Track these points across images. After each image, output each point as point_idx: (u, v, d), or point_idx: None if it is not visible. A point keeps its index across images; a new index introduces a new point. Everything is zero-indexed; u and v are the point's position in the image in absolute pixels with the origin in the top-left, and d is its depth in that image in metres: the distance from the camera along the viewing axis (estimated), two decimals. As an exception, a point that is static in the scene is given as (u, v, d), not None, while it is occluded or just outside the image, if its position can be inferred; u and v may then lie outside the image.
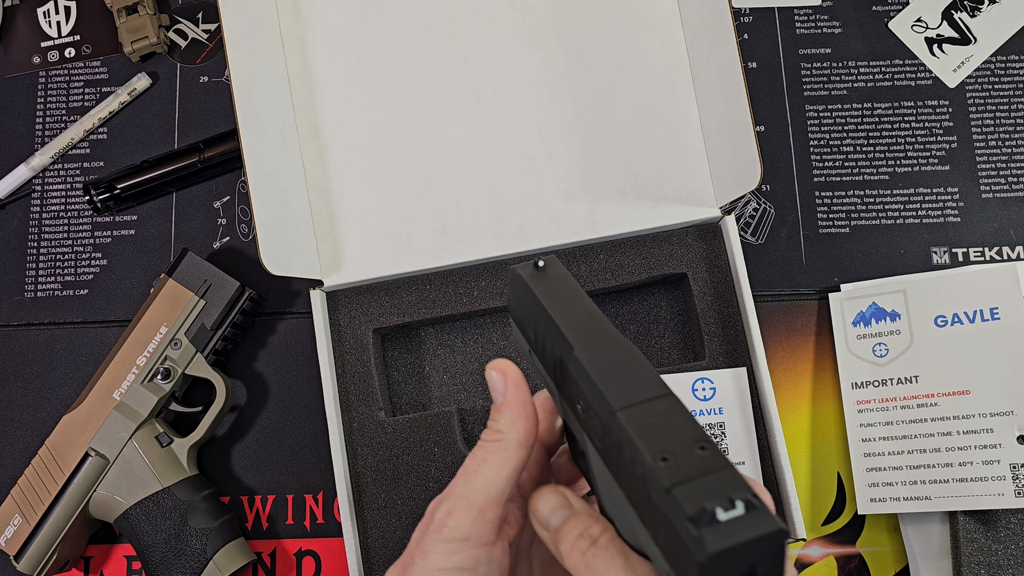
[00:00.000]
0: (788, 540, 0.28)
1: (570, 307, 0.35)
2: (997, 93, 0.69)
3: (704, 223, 0.62)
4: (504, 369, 0.37)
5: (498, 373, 0.37)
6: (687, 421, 0.30)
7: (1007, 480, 0.56)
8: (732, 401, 0.59)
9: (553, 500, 0.35)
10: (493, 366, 0.37)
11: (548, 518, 0.35)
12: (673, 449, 0.29)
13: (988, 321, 0.60)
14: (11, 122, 0.72)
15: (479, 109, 0.64)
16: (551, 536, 0.35)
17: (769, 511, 0.28)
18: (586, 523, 0.34)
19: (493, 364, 0.37)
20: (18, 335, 0.68)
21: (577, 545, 0.33)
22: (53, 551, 0.60)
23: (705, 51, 0.61)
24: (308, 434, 0.65)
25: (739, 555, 0.27)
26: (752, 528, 0.27)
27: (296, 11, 0.65)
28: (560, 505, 0.35)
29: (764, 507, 0.28)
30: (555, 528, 0.35)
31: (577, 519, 0.34)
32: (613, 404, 0.31)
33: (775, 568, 0.28)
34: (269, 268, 0.57)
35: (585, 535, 0.34)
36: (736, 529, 0.27)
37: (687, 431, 0.30)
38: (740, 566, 0.28)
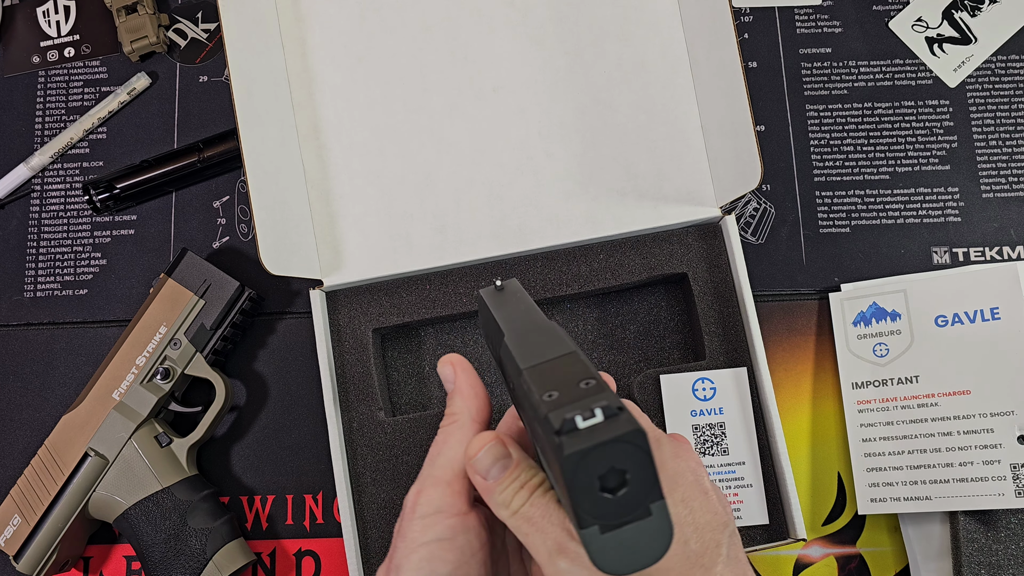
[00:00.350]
0: (646, 440, 0.29)
1: (513, 310, 0.40)
2: (997, 93, 0.69)
3: (704, 223, 0.62)
4: (451, 360, 0.40)
5: (447, 364, 0.40)
6: (582, 368, 0.33)
7: (1007, 480, 0.56)
8: (732, 401, 0.59)
9: (494, 450, 0.36)
10: (443, 361, 0.41)
11: (488, 468, 0.36)
12: (560, 387, 0.31)
13: (989, 321, 0.59)
14: (10, 122, 0.72)
15: (479, 109, 0.64)
16: (487, 486, 0.35)
17: (629, 417, 0.29)
18: (526, 475, 0.35)
19: (443, 359, 0.41)
20: (17, 335, 0.68)
21: (517, 497, 0.35)
22: (52, 551, 0.60)
23: (705, 51, 0.61)
24: (308, 434, 0.65)
25: (600, 458, 0.29)
26: (608, 431, 0.29)
27: (296, 11, 0.65)
28: (501, 455, 0.36)
29: (625, 414, 0.29)
30: (494, 479, 0.35)
31: (516, 469, 0.35)
32: (521, 365, 0.34)
33: (644, 472, 0.29)
34: (269, 268, 0.57)
35: (525, 488, 0.35)
36: (593, 433, 0.29)
37: (579, 374, 0.32)
38: (605, 470, 0.29)
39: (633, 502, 0.29)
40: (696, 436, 0.58)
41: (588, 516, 0.29)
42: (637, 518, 0.29)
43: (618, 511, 0.29)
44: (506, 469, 0.35)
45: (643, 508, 0.29)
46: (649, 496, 0.29)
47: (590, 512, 0.29)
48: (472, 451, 0.36)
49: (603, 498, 0.29)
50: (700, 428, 0.58)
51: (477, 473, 0.36)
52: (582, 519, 0.29)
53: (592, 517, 0.29)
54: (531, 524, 0.34)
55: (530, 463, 0.36)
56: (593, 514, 0.29)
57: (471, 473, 0.36)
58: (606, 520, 0.29)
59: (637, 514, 0.29)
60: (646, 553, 0.30)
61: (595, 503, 0.29)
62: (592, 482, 0.29)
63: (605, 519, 0.29)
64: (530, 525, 0.34)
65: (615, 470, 0.29)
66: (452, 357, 0.41)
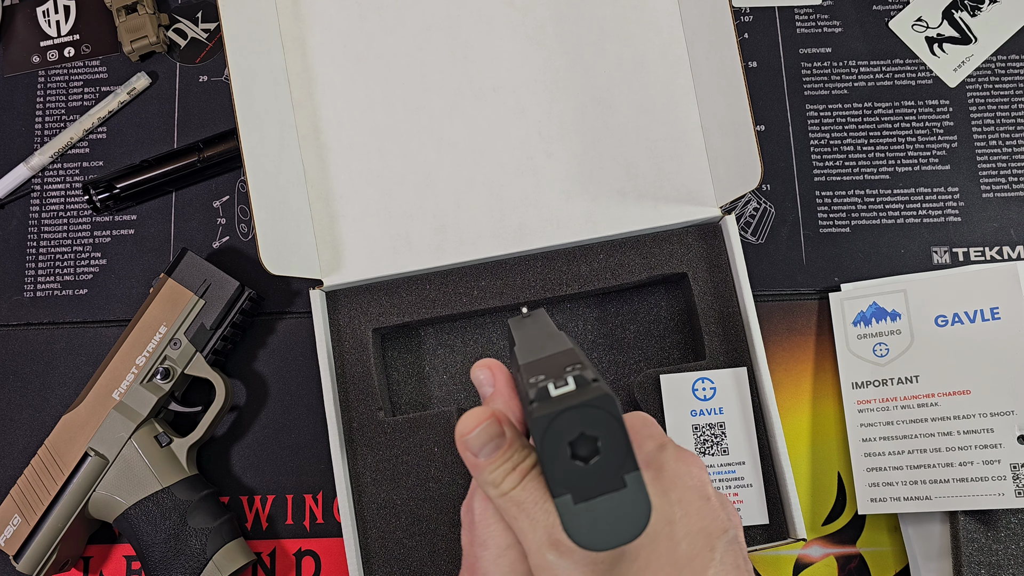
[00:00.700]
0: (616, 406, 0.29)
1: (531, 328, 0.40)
2: (997, 92, 0.69)
3: (704, 223, 0.62)
4: (488, 364, 0.39)
5: (484, 368, 0.39)
6: (572, 358, 0.33)
7: (1007, 480, 0.56)
8: (732, 401, 0.59)
9: (489, 428, 0.35)
10: (479, 365, 0.40)
11: (481, 447, 0.35)
12: (548, 372, 0.32)
13: (988, 321, 0.59)
14: (10, 122, 0.72)
15: (479, 109, 0.64)
16: (478, 464, 0.35)
17: (602, 385, 0.29)
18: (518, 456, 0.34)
19: (478, 364, 0.40)
20: (17, 335, 0.68)
21: (508, 480, 0.34)
22: (52, 551, 0.60)
23: (705, 50, 0.61)
24: (308, 434, 0.65)
25: (569, 423, 0.29)
26: (578, 397, 0.29)
27: (296, 10, 0.65)
28: (494, 434, 0.35)
29: (598, 384, 0.29)
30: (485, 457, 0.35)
31: (509, 450, 0.34)
32: (520, 362, 0.34)
33: (616, 440, 0.29)
34: (268, 268, 0.57)
35: (517, 470, 0.34)
36: (563, 399, 0.29)
37: (568, 362, 0.32)
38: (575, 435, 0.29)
39: (606, 471, 0.29)
40: (696, 436, 0.58)
41: (559, 485, 0.29)
42: (611, 489, 0.29)
43: (591, 480, 0.29)
44: (499, 448, 0.34)
45: (617, 479, 0.29)
46: (623, 466, 0.29)
47: (562, 481, 0.29)
48: (465, 429, 0.35)
49: (574, 466, 0.29)
50: (700, 428, 0.58)
51: (468, 450, 0.35)
52: (554, 488, 0.29)
53: (564, 486, 0.29)
54: (520, 509, 0.33)
55: (524, 443, 0.35)
56: (565, 483, 0.29)
57: (462, 450, 0.35)
58: (579, 489, 0.29)
59: (611, 484, 0.29)
60: (623, 529, 0.29)
61: (567, 471, 0.29)
62: (563, 449, 0.29)
63: (577, 488, 0.29)
64: (519, 509, 0.33)
65: (586, 436, 0.29)
66: (488, 361, 0.40)
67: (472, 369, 0.40)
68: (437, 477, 0.59)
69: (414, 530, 0.59)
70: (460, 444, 0.35)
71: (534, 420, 0.29)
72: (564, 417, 0.29)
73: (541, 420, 0.29)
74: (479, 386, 0.40)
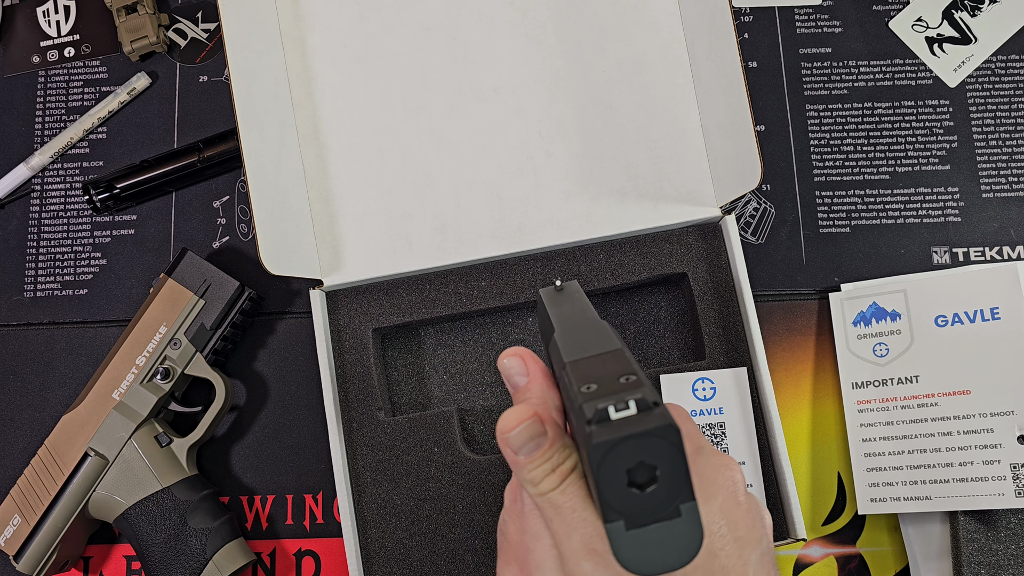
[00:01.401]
0: (679, 436, 0.28)
1: (568, 308, 0.39)
2: (997, 93, 0.69)
3: (704, 223, 0.62)
4: (519, 352, 0.38)
5: (514, 356, 0.38)
6: (624, 365, 0.32)
7: (1007, 480, 0.56)
8: (732, 401, 0.59)
9: (532, 429, 0.34)
10: (508, 353, 0.38)
11: (522, 446, 0.34)
12: (600, 381, 0.31)
13: (988, 321, 0.59)
14: (10, 122, 0.72)
15: (479, 109, 0.64)
16: (519, 462, 0.34)
17: (664, 412, 0.28)
18: (559, 457, 0.34)
19: (508, 351, 0.38)
20: (17, 335, 0.68)
21: (547, 481, 0.33)
22: (53, 551, 0.60)
23: (705, 50, 0.61)
24: (308, 434, 0.65)
25: (629, 450, 0.28)
26: (640, 424, 0.28)
27: (296, 10, 0.65)
28: (536, 432, 0.34)
29: (660, 409, 0.28)
30: (526, 456, 0.34)
31: (550, 449, 0.34)
32: (565, 359, 0.33)
33: (675, 470, 0.28)
34: (268, 268, 0.57)
35: (557, 472, 0.33)
36: (624, 425, 0.28)
37: (620, 370, 0.31)
38: (634, 464, 0.28)
39: (662, 500, 0.28)
40: (696, 436, 0.58)
41: (613, 511, 0.28)
42: (665, 517, 0.29)
43: (645, 508, 0.28)
44: (539, 447, 0.34)
45: (672, 508, 0.29)
46: (679, 496, 0.29)
47: (616, 507, 0.28)
48: (507, 426, 0.34)
49: (631, 493, 0.28)
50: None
51: (509, 447, 0.34)
52: (607, 513, 0.29)
53: (618, 512, 0.28)
54: (557, 512, 0.33)
55: (566, 443, 0.34)
56: (619, 509, 0.28)
57: (502, 446, 0.34)
58: (632, 516, 0.28)
59: (666, 513, 0.29)
60: (673, 556, 0.29)
61: (622, 498, 0.28)
62: (620, 476, 0.28)
63: (631, 515, 0.28)
64: (556, 512, 0.33)
65: (645, 465, 0.28)
66: (519, 349, 0.39)
67: (501, 357, 0.39)
68: (437, 477, 0.59)
69: (414, 530, 0.59)
70: (501, 441, 0.34)
71: (594, 446, 0.28)
72: (625, 445, 0.28)
73: (601, 447, 0.28)
74: (509, 376, 0.39)
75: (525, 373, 0.38)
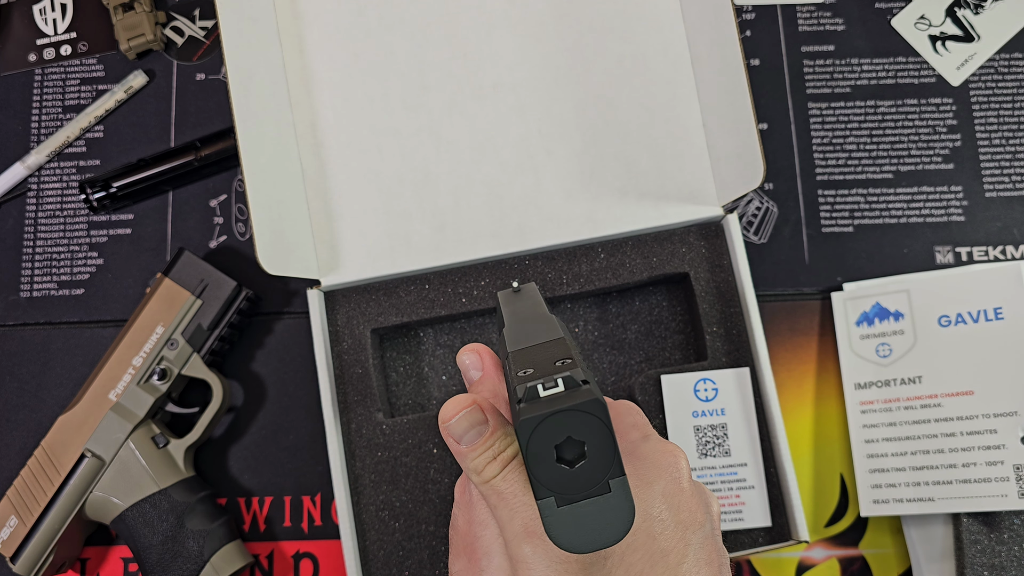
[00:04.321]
0: (605, 411, 0.29)
1: (521, 307, 0.40)
2: (1001, 91, 0.68)
3: (706, 222, 0.61)
4: (475, 348, 0.40)
5: (471, 352, 0.40)
6: (563, 350, 0.33)
7: (1011, 481, 0.56)
8: (734, 402, 0.58)
9: (471, 415, 0.35)
10: (465, 349, 0.40)
11: (463, 434, 0.35)
12: (536, 366, 0.32)
13: (992, 321, 0.59)
14: (7, 120, 0.71)
15: (478, 107, 0.63)
16: (461, 451, 0.35)
17: (592, 389, 0.29)
18: (501, 444, 0.34)
19: (465, 348, 0.40)
20: (13, 335, 0.67)
21: (489, 468, 0.34)
22: (49, 553, 0.60)
23: (707, 48, 0.60)
24: (306, 435, 0.64)
25: (557, 426, 0.29)
26: (567, 400, 0.29)
27: (293, 8, 0.65)
28: (477, 421, 0.35)
29: (589, 387, 0.29)
30: (468, 444, 0.35)
31: (491, 437, 0.34)
32: (508, 348, 0.34)
33: (603, 445, 0.29)
34: (266, 268, 0.57)
35: (499, 459, 0.34)
36: (552, 402, 0.29)
37: (559, 355, 0.32)
38: (562, 439, 0.29)
39: (592, 476, 0.29)
40: (698, 437, 0.58)
41: (544, 487, 0.29)
42: (596, 493, 0.29)
43: (575, 484, 0.29)
44: (481, 436, 0.35)
45: (602, 483, 0.29)
46: (609, 471, 0.29)
47: (546, 483, 0.29)
48: (447, 415, 0.35)
49: (560, 469, 0.29)
50: (702, 429, 0.58)
51: (451, 436, 0.35)
52: (537, 490, 0.29)
53: (548, 489, 0.29)
54: (500, 498, 0.33)
55: (508, 431, 0.35)
56: (549, 486, 0.29)
57: (445, 436, 0.35)
58: (563, 492, 0.29)
59: (596, 489, 0.29)
60: (605, 532, 0.29)
61: (552, 474, 0.29)
62: (549, 452, 0.29)
63: (562, 491, 0.29)
64: (499, 499, 0.33)
65: (573, 441, 0.29)
66: (476, 346, 0.40)
67: (459, 353, 0.40)
68: (436, 479, 0.59)
69: (413, 532, 0.58)
70: (443, 430, 0.35)
71: (520, 422, 0.29)
72: (551, 421, 0.29)
73: (528, 423, 0.29)
74: (465, 370, 0.40)
75: (480, 368, 0.39)
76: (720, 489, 0.57)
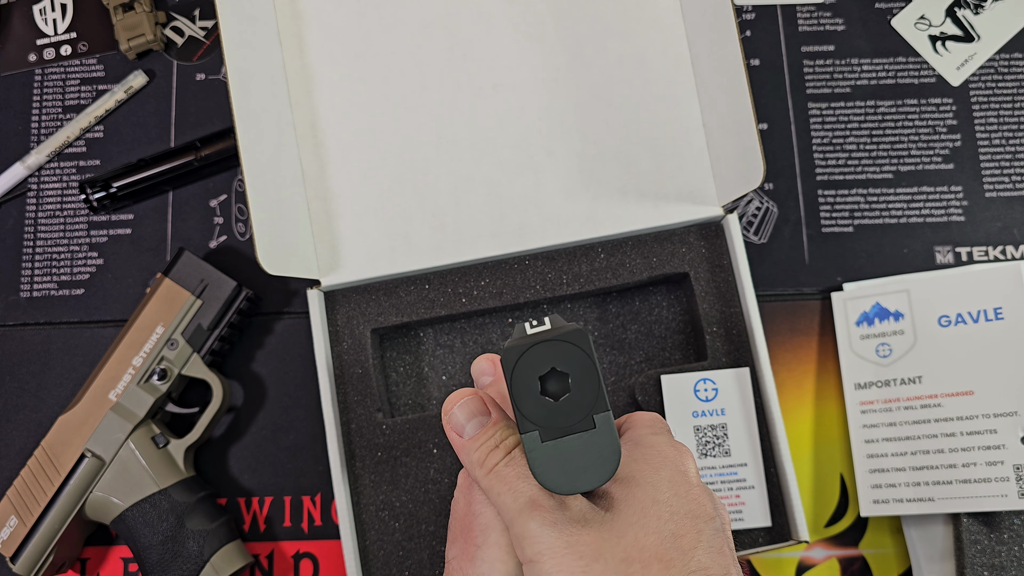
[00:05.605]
0: (588, 341, 0.29)
1: None
2: (1001, 91, 0.68)
3: (706, 222, 0.61)
4: (490, 357, 0.41)
5: (485, 360, 0.41)
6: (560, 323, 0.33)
7: (1011, 481, 0.56)
8: (734, 402, 0.58)
9: (472, 405, 0.35)
10: (481, 357, 0.41)
11: (464, 423, 0.35)
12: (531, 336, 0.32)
13: (992, 321, 0.59)
14: (7, 120, 0.71)
15: (478, 107, 0.63)
16: (463, 443, 0.35)
17: (577, 325, 0.30)
18: (503, 433, 0.34)
19: (481, 356, 0.41)
20: (13, 335, 0.67)
21: (492, 455, 0.34)
22: (49, 553, 0.60)
23: (707, 48, 0.60)
24: (306, 435, 0.64)
25: (541, 356, 0.29)
26: (551, 333, 0.29)
27: (293, 8, 0.65)
28: (478, 412, 0.35)
29: (574, 324, 0.30)
30: (470, 436, 0.35)
31: (493, 427, 0.35)
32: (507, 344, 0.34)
33: (587, 377, 0.29)
34: (266, 268, 0.57)
35: (501, 447, 0.34)
36: (536, 335, 0.29)
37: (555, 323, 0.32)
38: (546, 370, 0.29)
39: (576, 409, 0.29)
40: (698, 437, 0.58)
41: (528, 421, 0.29)
42: (580, 428, 0.29)
43: (560, 417, 0.29)
44: (482, 427, 0.35)
45: (587, 418, 0.29)
46: (594, 405, 0.29)
47: (530, 416, 0.29)
48: (449, 404, 0.36)
49: (544, 402, 0.29)
50: (702, 429, 0.58)
51: (452, 429, 0.35)
52: (522, 423, 0.29)
53: (532, 423, 0.29)
54: (504, 482, 0.33)
55: (509, 424, 0.35)
56: (533, 419, 0.29)
57: (447, 429, 0.36)
58: (547, 426, 0.29)
59: (580, 424, 0.29)
60: (590, 471, 0.29)
61: (536, 406, 0.29)
62: (533, 384, 0.29)
63: (546, 425, 0.29)
64: (503, 483, 0.33)
65: (557, 372, 0.29)
66: (492, 355, 0.41)
67: (475, 361, 0.41)
68: (436, 479, 0.59)
69: (413, 532, 0.58)
70: (445, 424, 0.36)
71: (505, 350, 0.29)
72: (535, 351, 0.29)
73: (511, 352, 0.28)
74: (478, 376, 0.41)
75: (492, 374, 0.40)
76: (720, 489, 0.57)
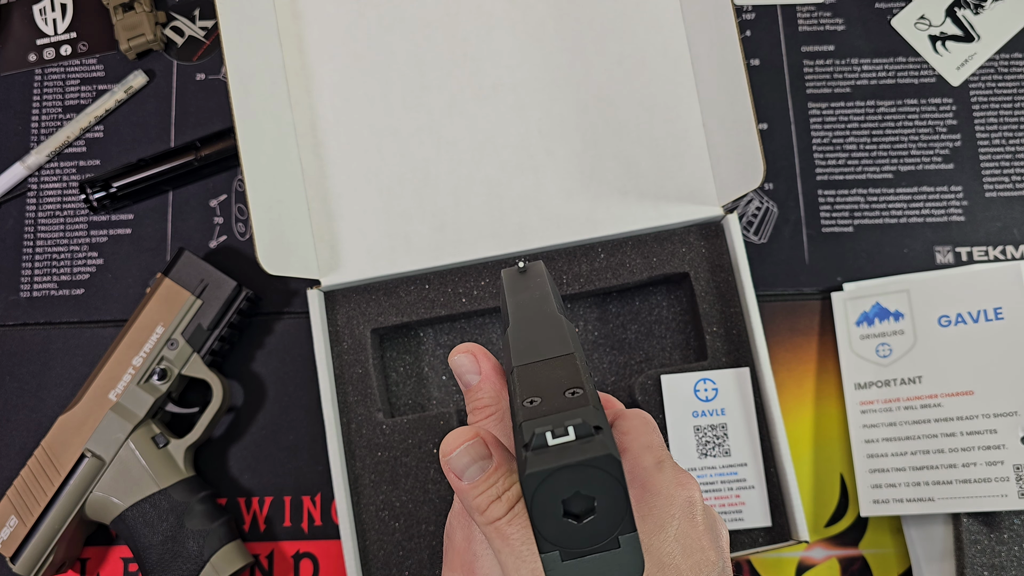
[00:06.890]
0: (619, 468, 0.27)
1: (527, 297, 0.37)
2: (1001, 91, 0.68)
3: (706, 222, 0.61)
4: (470, 348, 0.36)
5: (465, 353, 0.36)
6: (573, 374, 0.30)
7: (1011, 481, 0.56)
8: (735, 402, 0.58)
9: (473, 451, 0.32)
10: (459, 349, 0.36)
11: (464, 469, 0.32)
12: (544, 393, 0.29)
13: (992, 321, 0.59)
14: (7, 120, 0.71)
15: (478, 106, 0.63)
16: (463, 487, 0.32)
17: (604, 440, 0.27)
18: (504, 483, 0.32)
19: (458, 348, 0.36)
20: (13, 335, 0.67)
21: (493, 508, 0.31)
22: (49, 553, 0.60)
23: (707, 48, 0.60)
24: (306, 435, 0.64)
25: (565, 480, 0.27)
26: (577, 453, 0.26)
27: (293, 7, 0.65)
28: (479, 456, 0.32)
29: (600, 436, 0.27)
30: (470, 481, 0.32)
31: (495, 474, 0.32)
32: (513, 362, 0.32)
33: (615, 501, 0.27)
34: (266, 268, 0.57)
35: (504, 499, 0.31)
36: (561, 453, 0.27)
37: (568, 381, 0.30)
38: (570, 494, 0.27)
39: (600, 532, 0.27)
40: (697, 437, 0.58)
41: (548, 542, 0.27)
42: (604, 548, 0.27)
43: (582, 539, 0.27)
44: (484, 471, 0.32)
45: (611, 539, 0.27)
46: (619, 527, 0.27)
47: (551, 537, 0.27)
48: (448, 448, 0.32)
49: (566, 524, 0.27)
50: (702, 429, 0.58)
51: (451, 472, 0.32)
52: (541, 544, 0.27)
53: (552, 543, 0.27)
54: (505, 542, 0.31)
55: (513, 468, 0.32)
56: (554, 540, 0.27)
57: (445, 470, 0.33)
58: (569, 547, 0.27)
59: (604, 544, 0.27)
60: None
61: (557, 528, 0.27)
62: (555, 506, 0.27)
63: (568, 546, 0.27)
64: (504, 543, 0.31)
65: (582, 495, 0.27)
66: (470, 346, 0.36)
67: (451, 354, 0.36)
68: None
69: (413, 532, 0.58)
70: (443, 464, 0.33)
71: (527, 476, 0.26)
72: (560, 474, 0.26)
73: (534, 476, 0.26)
74: (460, 374, 0.36)
75: (477, 371, 0.36)
76: (720, 489, 0.57)
